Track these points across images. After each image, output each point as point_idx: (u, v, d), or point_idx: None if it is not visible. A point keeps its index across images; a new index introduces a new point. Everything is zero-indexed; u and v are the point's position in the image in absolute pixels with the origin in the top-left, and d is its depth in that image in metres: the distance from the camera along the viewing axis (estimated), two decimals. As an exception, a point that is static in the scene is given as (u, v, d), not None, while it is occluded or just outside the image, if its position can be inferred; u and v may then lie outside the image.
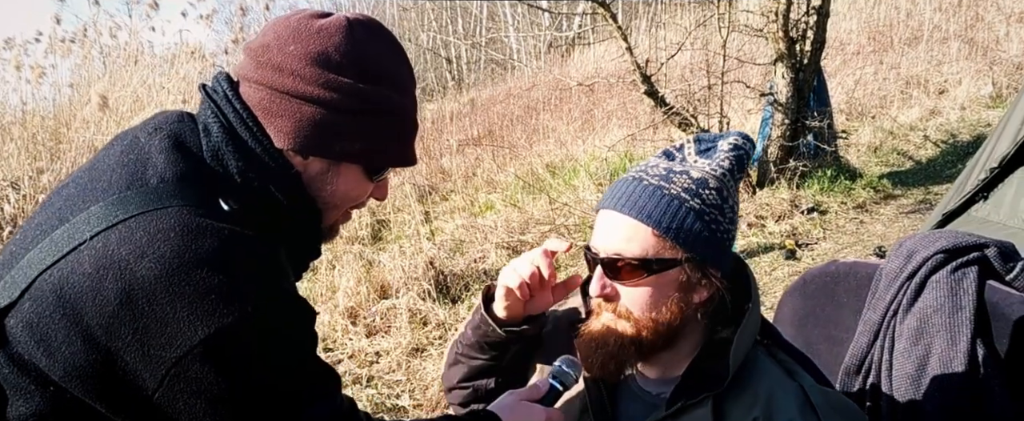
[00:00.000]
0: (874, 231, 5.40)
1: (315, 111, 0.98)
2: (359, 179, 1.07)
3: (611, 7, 5.79)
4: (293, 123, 0.99)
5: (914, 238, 1.60)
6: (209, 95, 1.02)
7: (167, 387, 0.87)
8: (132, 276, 0.84)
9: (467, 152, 8.53)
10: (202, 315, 0.85)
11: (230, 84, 1.02)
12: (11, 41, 7.77)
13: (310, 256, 1.13)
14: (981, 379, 1.40)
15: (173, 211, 0.89)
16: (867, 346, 1.57)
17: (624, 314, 1.12)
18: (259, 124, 0.99)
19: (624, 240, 1.10)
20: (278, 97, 0.98)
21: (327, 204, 1.06)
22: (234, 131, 0.99)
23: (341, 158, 1.03)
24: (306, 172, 1.03)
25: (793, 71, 6.07)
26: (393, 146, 1.07)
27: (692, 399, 1.10)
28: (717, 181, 1.12)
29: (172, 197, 0.91)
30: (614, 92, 9.12)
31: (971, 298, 1.45)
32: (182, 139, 0.98)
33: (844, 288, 1.70)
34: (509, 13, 16.77)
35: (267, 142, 0.99)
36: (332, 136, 1.00)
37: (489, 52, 15.05)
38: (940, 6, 11.73)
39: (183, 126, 1.00)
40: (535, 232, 5.53)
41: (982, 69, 9.66)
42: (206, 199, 0.93)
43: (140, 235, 0.86)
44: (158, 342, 0.85)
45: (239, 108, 0.99)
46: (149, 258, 0.85)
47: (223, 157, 0.98)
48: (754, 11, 6.89)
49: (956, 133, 7.98)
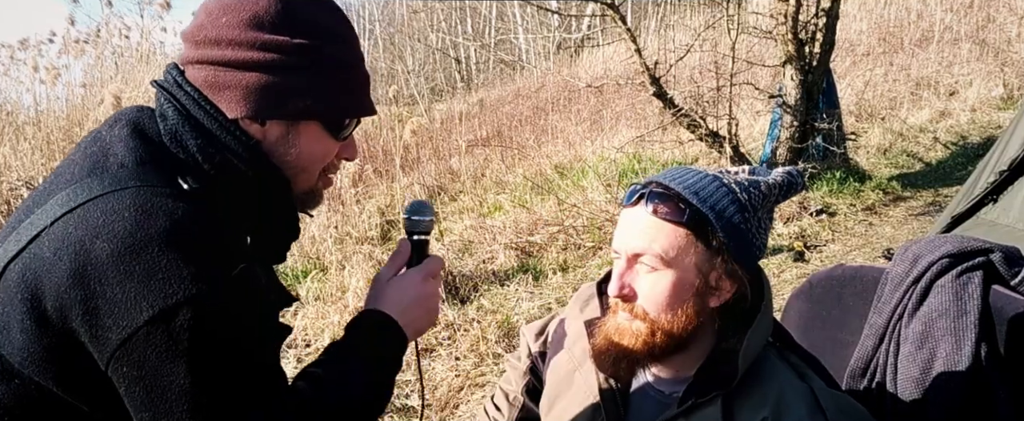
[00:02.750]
0: (883, 233, 5.39)
1: (259, 75, 0.99)
2: (321, 136, 1.05)
3: (620, 9, 5.80)
4: (241, 92, 0.99)
5: (920, 242, 1.61)
6: (160, 86, 1.03)
7: (113, 369, 0.87)
8: (86, 256, 0.85)
9: (476, 153, 8.56)
10: (149, 295, 0.84)
11: (178, 71, 1.03)
12: (25, 42, 7.86)
13: (288, 230, 1.11)
14: (986, 383, 1.41)
15: (130, 192, 0.89)
16: (872, 349, 1.58)
17: (640, 315, 1.13)
18: (207, 100, 1.00)
19: (649, 240, 1.11)
20: (221, 70, 0.99)
21: (295, 168, 1.05)
22: (188, 112, 0.99)
23: (296, 116, 1.02)
24: (266, 139, 1.02)
25: (802, 73, 6.07)
26: (345, 98, 1.06)
27: (702, 397, 1.11)
28: (767, 188, 1.14)
29: (131, 179, 0.91)
30: (623, 93, 9.12)
31: (976, 302, 1.46)
32: (141, 127, 0.99)
33: (850, 292, 1.71)
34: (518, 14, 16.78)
35: (221, 116, 0.99)
36: (282, 96, 1.00)
37: (498, 53, 15.07)
38: (951, 7, 11.67)
39: (141, 115, 1.01)
40: (544, 233, 5.55)
41: (993, 70, 9.61)
42: (165, 179, 0.93)
43: (96, 215, 0.87)
44: (106, 323, 0.85)
45: (189, 89, 1.00)
46: (103, 238, 0.85)
47: (181, 138, 0.99)
48: (763, 13, 6.88)
49: (966, 135, 7.95)
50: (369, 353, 1.05)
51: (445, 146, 8.92)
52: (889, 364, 1.55)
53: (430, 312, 1.13)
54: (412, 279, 1.12)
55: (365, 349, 1.05)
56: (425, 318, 1.12)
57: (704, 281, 1.12)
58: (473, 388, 3.55)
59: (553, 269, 4.98)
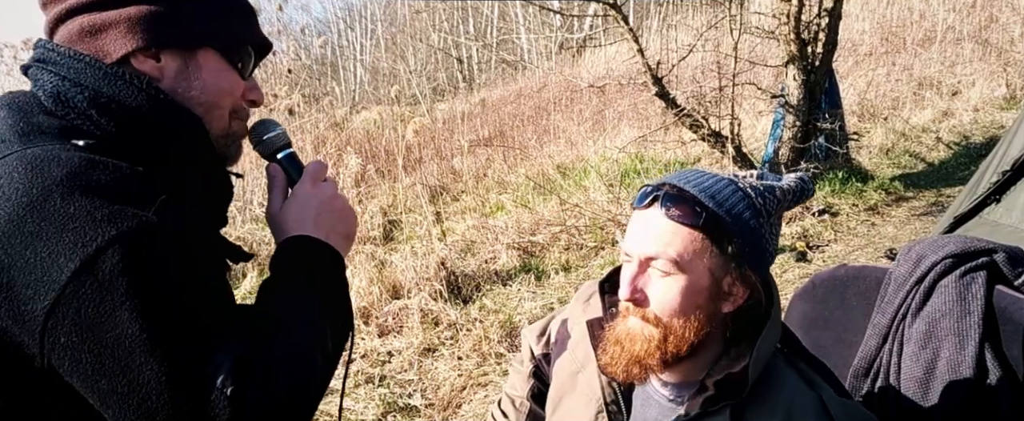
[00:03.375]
0: (885, 233, 5.39)
1: (140, 5, 0.90)
2: (222, 67, 0.97)
3: (622, 8, 5.80)
4: (124, 25, 0.90)
5: (923, 243, 1.61)
6: (29, 63, 0.94)
7: (49, 344, 0.76)
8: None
9: (478, 153, 8.56)
10: (65, 249, 0.75)
11: (48, 39, 0.95)
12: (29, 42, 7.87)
13: (219, 184, 1.01)
14: (989, 384, 1.41)
15: (15, 155, 0.79)
16: (876, 349, 1.58)
17: (652, 319, 1.11)
18: (83, 53, 0.90)
19: (662, 243, 1.09)
20: (95, 13, 0.90)
21: (204, 105, 0.96)
22: (67, 68, 0.90)
23: (191, 42, 0.94)
24: (165, 76, 0.93)
25: (805, 73, 6.06)
26: (238, 22, 0.98)
27: (710, 406, 1.10)
28: (781, 193, 1.13)
29: (14, 146, 0.81)
30: (625, 93, 9.12)
31: (979, 303, 1.47)
32: (17, 102, 0.90)
33: (853, 292, 1.71)
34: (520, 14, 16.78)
35: (99, 61, 0.90)
36: (171, 22, 0.92)
37: (500, 53, 15.07)
38: (954, 7, 11.65)
39: (16, 95, 0.92)
40: (546, 233, 5.55)
41: (996, 70, 9.60)
42: (54, 142, 0.83)
43: None
44: (26, 293, 0.75)
45: (58, 47, 0.91)
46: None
47: (67, 97, 0.89)
48: (766, 13, 6.88)
49: (969, 135, 7.94)
50: (308, 279, 0.93)
51: (447, 146, 8.92)
52: (892, 364, 1.55)
53: (340, 212, 1.01)
54: (303, 191, 1.01)
55: (301, 276, 0.93)
56: (343, 222, 1.01)
57: (717, 286, 1.10)
58: (475, 388, 3.55)
59: (555, 269, 4.98)
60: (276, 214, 1.01)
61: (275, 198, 1.03)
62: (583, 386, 1.28)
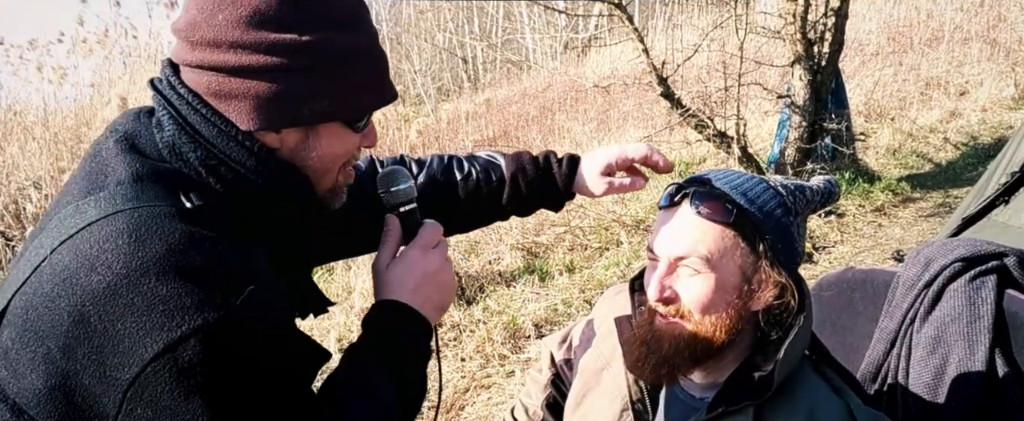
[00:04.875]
0: (892, 235, 5.35)
1: (270, 82, 0.88)
2: (342, 134, 0.96)
3: (627, 8, 5.78)
4: (251, 102, 0.88)
5: (932, 246, 1.59)
6: (156, 88, 0.93)
7: (125, 413, 0.80)
8: (83, 291, 0.78)
9: (483, 153, 8.54)
10: (152, 330, 0.78)
11: (173, 70, 0.93)
12: (35, 42, 7.89)
13: (314, 237, 1.02)
14: (999, 389, 1.39)
15: (124, 215, 0.81)
16: (884, 354, 1.56)
17: (684, 315, 1.10)
18: (213, 110, 0.89)
19: (692, 241, 1.08)
20: (225, 77, 0.88)
21: (317, 171, 0.96)
22: (186, 121, 0.89)
23: (315, 121, 0.92)
24: (284, 146, 0.92)
25: (811, 73, 6.03)
26: (364, 89, 0.96)
27: (733, 405, 1.08)
28: (811, 194, 1.13)
29: (127, 200, 0.83)
30: (630, 93, 9.09)
31: (990, 307, 1.44)
32: (137, 138, 0.91)
33: (861, 295, 1.69)
34: (525, 14, 16.76)
35: (228, 127, 0.89)
36: (297, 102, 0.89)
37: (505, 52, 15.07)
38: (961, 6, 11.59)
39: (139, 124, 0.92)
40: (550, 234, 5.53)
41: (1004, 70, 9.53)
42: (166, 197, 0.85)
43: (90, 246, 0.80)
44: (113, 362, 0.78)
45: (185, 94, 0.90)
46: (98, 270, 0.78)
47: (181, 151, 0.89)
48: (771, 12, 6.84)
49: (977, 135, 7.89)
50: (390, 349, 0.97)
51: (452, 146, 8.90)
52: (900, 369, 1.53)
53: (443, 286, 1.03)
54: (413, 256, 1.02)
55: (386, 345, 0.97)
56: (440, 293, 1.03)
57: (747, 284, 1.09)
58: (479, 389, 3.54)
59: (559, 270, 4.97)
60: (382, 270, 1.03)
61: (386, 252, 1.04)
62: (608, 383, 1.26)
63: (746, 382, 1.10)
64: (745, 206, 1.06)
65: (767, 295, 1.10)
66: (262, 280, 0.87)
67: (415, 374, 0.99)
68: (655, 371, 1.12)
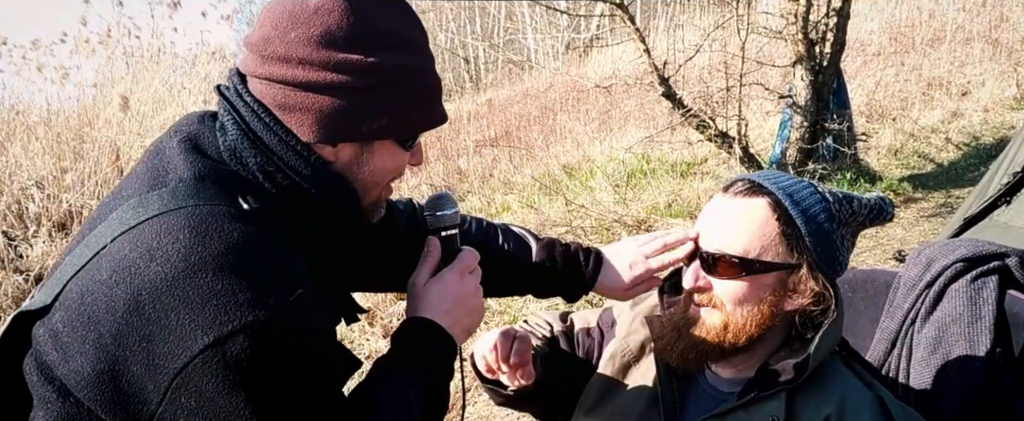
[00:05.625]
0: (893, 235, 5.35)
1: (334, 97, 0.93)
2: (394, 152, 1.01)
3: (629, 8, 5.78)
4: (314, 115, 0.93)
5: (933, 246, 1.59)
6: (223, 94, 0.98)
7: (169, 401, 0.82)
8: (141, 280, 0.82)
9: (484, 153, 8.55)
10: (204, 322, 0.81)
11: (241, 80, 0.98)
12: (38, 42, 7.90)
13: (359, 247, 1.07)
14: (1000, 390, 1.39)
15: (186, 211, 0.86)
16: (884, 354, 1.56)
17: (718, 305, 1.13)
18: (276, 119, 0.94)
19: (732, 237, 1.10)
20: (291, 91, 0.93)
21: (366, 185, 1.01)
22: (249, 128, 0.94)
23: (371, 137, 0.97)
24: (338, 159, 0.97)
25: (812, 73, 6.02)
26: (419, 110, 1.01)
27: (765, 391, 1.10)
28: (859, 206, 1.14)
29: (189, 197, 0.88)
30: (631, 93, 9.09)
31: (991, 308, 1.44)
32: (200, 140, 0.96)
33: (862, 296, 1.69)
34: (527, 14, 16.77)
35: (289, 137, 0.94)
36: (357, 119, 0.95)
37: (507, 53, 15.07)
38: (963, 6, 11.57)
39: (202, 127, 0.97)
40: (551, 234, 5.53)
41: (1006, 70, 9.52)
42: (225, 197, 0.89)
43: (151, 237, 0.84)
44: (162, 351, 0.81)
45: (250, 102, 0.95)
46: (157, 261, 0.82)
47: (241, 155, 0.94)
48: (773, 13, 6.84)
49: (979, 135, 7.88)
50: (419, 364, 1.01)
51: (453, 146, 8.91)
52: (901, 369, 1.53)
53: (473, 311, 1.08)
54: (450, 279, 1.07)
55: (415, 360, 1.01)
56: (470, 317, 1.08)
57: (784, 284, 1.11)
58: (480, 390, 3.54)
59: (561, 270, 4.96)
60: (419, 288, 1.07)
61: (424, 271, 1.09)
62: (636, 377, 1.28)
63: (779, 370, 1.12)
64: (788, 207, 1.09)
65: (803, 299, 1.12)
66: (308, 285, 0.90)
67: (440, 389, 1.03)
68: (683, 356, 1.15)
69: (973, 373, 1.41)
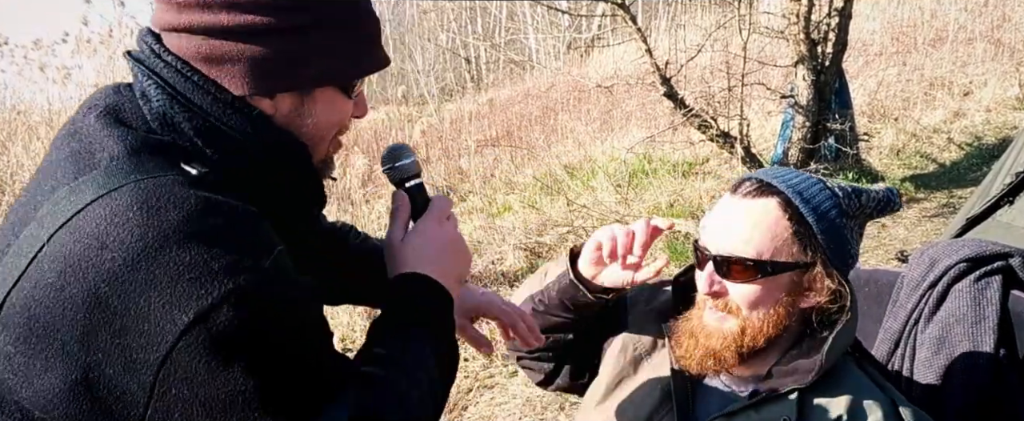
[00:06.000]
0: (896, 235, 5.34)
1: (265, 44, 0.84)
2: (337, 100, 0.92)
3: (630, 8, 5.77)
4: (245, 65, 0.84)
5: (936, 246, 1.58)
6: (136, 58, 0.87)
7: (159, 396, 0.75)
8: (96, 272, 0.73)
9: (485, 153, 8.54)
10: (179, 301, 0.73)
11: (155, 38, 0.87)
12: (39, 42, 7.91)
13: (314, 203, 0.99)
14: (1005, 390, 1.39)
15: (129, 188, 0.76)
16: (888, 354, 1.56)
17: (734, 310, 1.12)
18: (203, 76, 0.84)
19: (745, 239, 1.09)
20: (217, 41, 0.83)
21: (312, 139, 0.92)
22: (176, 90, 0.84)
23: (312, 85, 0.89)
24: (278, 112, 0.88)
25: (814, 73, 6.02)
26: (361, 52, 0.92)
27: (777, 391, 1.10)
28: (867, 199, 1.13)
29: (127, 173, 0.78)
30: (633, 93, 9.08)
31: (995, 308, 1.44)
32: (122, 112, 0.85)
33: (864, 296, 1.68)
34: (528, 14, 16.76)
35: (219, 93, 0.84)
36: (294, 65, 0.86)
37: (508, 53, 15.07)
38: (966, 6, 11.55)
39: (120, 97, 0.86)
40: (553, 234, 5.52)
41: (1009, 70, 9.50)
42: (168, 167, 0.80)
43: (96, 224, 0.74)
44: (138, 343, 0.73)
45: (172, 61, 0.84)
46: (110, 248, 0.73)
47: (173, 121, 0.84)
48: (775, 13, 6.83)
49: (981, 136, 7.87)
50: (420, 319, 0.94)
51: (455, 146, 8.91)
52: (904, 370, 1.52)
53: (460, 256, 1.01)
54: (429, 228, 1.00)
55: (415, 316, 0.94)
56: (458, 264, 1.01)
57: (799, 282, 1.11)
58: (482, 389, 3.54)
59: (562, 270, 4.96)
60: (397, 245, 0.99)
61: (397, 227, 1.01)
62: (647, 372, 1.27)
63: (791, 369, 1.12)
64: (799, 205, 1.08)
65: (818, 296, 1.12)
66: (281, 244, 0.83)
67: (449, 345, 0.97)
68: (701, 363, 1.15)
69: (977, 373, 1.40)
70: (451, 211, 1.04)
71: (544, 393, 3.39)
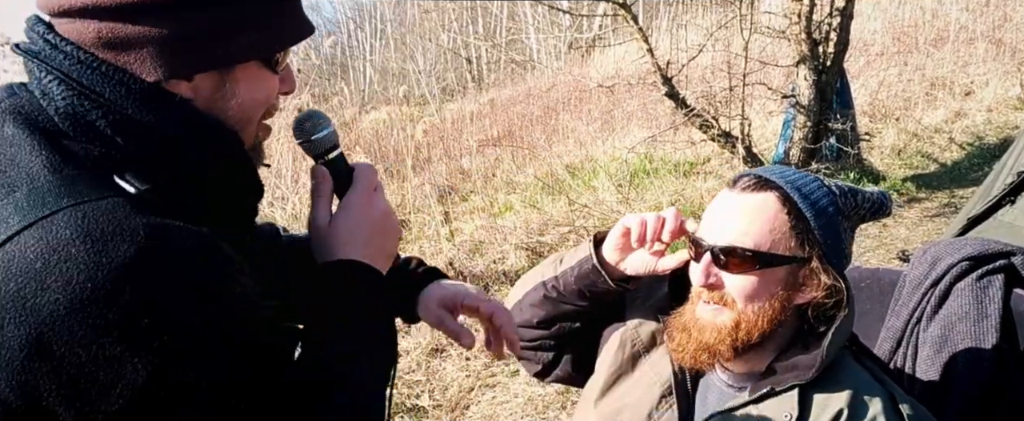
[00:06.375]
0: (897, 235, 5.34)
1: (173, 21, 0.74)
2: (261, 76, 0.83)
3: (631, 8, 5.78)
4: (154, 48, 0.74)
5: (938, 245, 1.59)
6: (29, 52, 0.76)
7: None
8: (37, 316, 0.65)
9: (487, 153, 8.55)
10: (138, 347, 0.66)
11: (46, 27, 0.77)
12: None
13: (252, 196, 0.89)
14: (1007, 388, 1.39)
15: (64, 216, 0.67)
16: (890, 353, 1.56)
17: (730, 303, 1.12)
18: (109, 64, 0.74)
19: (743, 231, 1.10)
20: (117, 24, 0.73)
21: (239, 121, 0.83)
22: (81, 83, 0.74)
23: (231, 61, 0.79)
24: (198, 96, 0.79)
25: (816, 73, 6.02)
26: (280, 21, 0.83)
27: (779, 386, 1.11)
28: (862, 199, 1.15)
29: (58, 196, 0.69)
30: (634, 93, 9.09)
31: (997, 306, 1.44)
32: (27, 116, 0.75)
33: (867, 295, 1.69)
34: (529, 14, 16.77)
35: (129, 79, 0.74)
36: (208, 42, 0.76)
37: (509, 53, 15.08)
38: (967, 6, 11.55)
39: (19, 100, 0.76)
40: (554, 234, 5.53)
41: (1010, 70, 9.50)
42: (101, 184, 0.71)
43: (30, 260, 0.65)
44: (90, 393, 0.66)
45: (71, 51, 0.74)
46: (52, 288, 0.65)
47: (84, 119, 0.74)
48: (776, 12, 6.83)
49: (982, 135, 7.87)
50: (360, 312, 0.87)
51: (456, 146, 8.91)
52: (907, 368, 1.52)
53: (391, 232, 0.92)
54: (358, 204, 0.90)
55: (354, 309, 0.87)
56: (389, 241, 0.92)
57: (794, 277, 1.11)
58: (484, 388, 3.54)
59: (564, 269, 4.96)
60: (323, 227, 0.90)
61: (321, 207, 0.91)
62: (646, 369, 1.27)
63: (791, 365, 1.12)
64: (797, 200, 1.09)
65: (814, 291, 1.13)
66: (243, 268, 0.78)
67: (387, 334, 0.91)
68: (695, 357, 1.15)
69: (979, 371, 1.40)
70: (377, 181, 0.94)
71: (546, 392, 3.39)
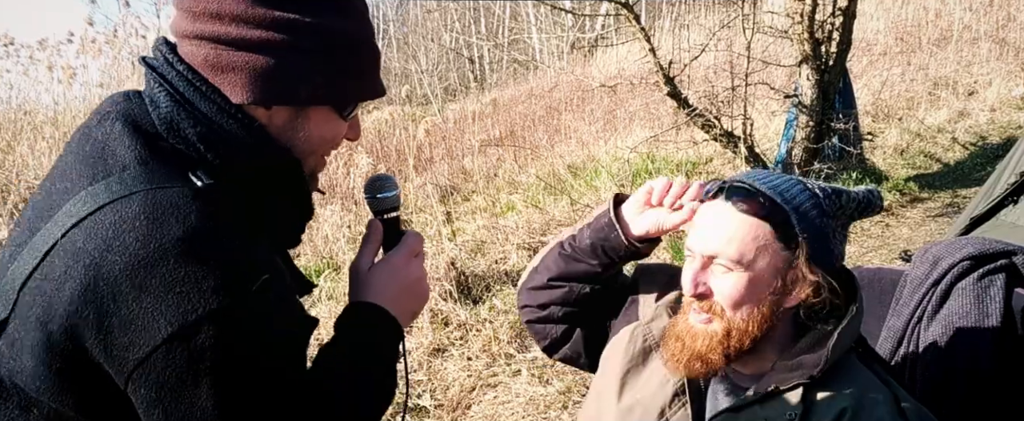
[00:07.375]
0: (900, 235, 5.33)
1: (269, 56, 0.89)
2: (330, 119, 0.98)
3: (634, 8, 5.77)
4: (246, 75, 0.89)
5: (940, 244, 1.58)
6: (150, 65, 0.93)
7: (131, 390, 0.81)
8: (97, 271, 0.78)
9: (489, 152, 8.55)
10: (167, 311, 0.78)
11: (169, 47, 0.93)
12: (44, 42, 7.93)
13: (303, 215, 1.03)
14: (1007, 388, 1.38)
15: (138, 197, 0.82)
16: (891, 353, 1.56)
17: (718, 312, 1.13)
18: (208, 83, 0.90)
19: (725, 241, 1.11)
20: (224, 49, 0.89)
21: (302, 152, 0.97)
22: (182, 96, 0.89)
23: (307, 102, 0.94)
24: (272, 124, 0.93)
25: (818, 73, 6.01)
26: (358, 78, 0.98)
27: (784, 385, 1.11)
28: (847, 199, 1.15)
29: (138, 182, 0.84)
30: (637, 93, 9.08)
31: (998, 305, 1.44)
32: (134, 119, 0.90)
33: (868, 294, 1.68)
34: (532, 14, 16.78)
35: (221, 100, 0.90)
36: (292, 80, 0.91)
37: (512, 52, 15.08)
38: (970, 6, 11.53)
39: (131, 105, 0.92)
40: (556, 233, 5.53)
41: (1013, 70, 9.48)
42: (175, 177, 0.86)
43: (105, 227, 0.80)
44: (122, 341, 0.79)
45: (182, 69, 0.90)
46: (115, 251, 0.79)
47: (179, 127, 0.89)
48: (779, 12, 6.83)
49: (985, 135, 7.85)
50: (370, 352, 0.99)
51: (458, 146, 8.92)
52: (908, 367, 1.52)
53: (420, 296, 1.07)
54: (396, 263, 1.04)
55: (366, 348, 1.00)
56: (416, 302, 1.06)
57: (782, 281, 1.12)
58: (485, 388, 3.54)
59: (566, 269, 4.95)
60: (363, 272, 1.04)
61: (366, 254, 1.06)
62: (657, 365, 1.27)
63: (796, 364, 1.13)
64: (780, 204, 1.10)
65: (802, 293, 1.13)
66: (271, 268, 0.88)
67: (390, 375, 1.02)
68: (688, 365, 1.16)
69: (979, 371, 1.40)
70: (421, 250, 1.08)
71: (548, 392, 3.39)
